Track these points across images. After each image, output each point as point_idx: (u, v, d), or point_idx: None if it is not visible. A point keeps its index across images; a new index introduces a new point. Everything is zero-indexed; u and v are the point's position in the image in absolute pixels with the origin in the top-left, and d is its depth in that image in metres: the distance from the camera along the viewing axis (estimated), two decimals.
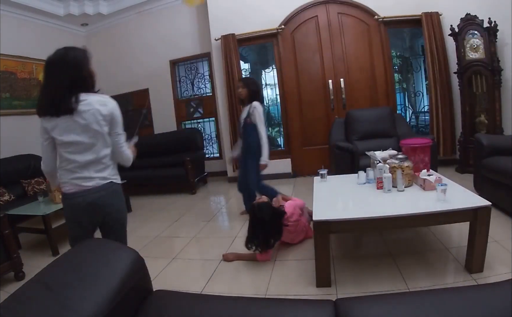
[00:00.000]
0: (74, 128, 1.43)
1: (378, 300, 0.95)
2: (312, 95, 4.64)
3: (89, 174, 1.48)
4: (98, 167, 1.50)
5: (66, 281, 0.90)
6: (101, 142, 1.49)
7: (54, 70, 1.41)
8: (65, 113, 1.40)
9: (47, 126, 1.47)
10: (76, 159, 1.46)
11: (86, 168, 1.47)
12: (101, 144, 1.49)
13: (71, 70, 1.40)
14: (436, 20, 4.10)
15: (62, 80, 1.39)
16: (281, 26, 4.57)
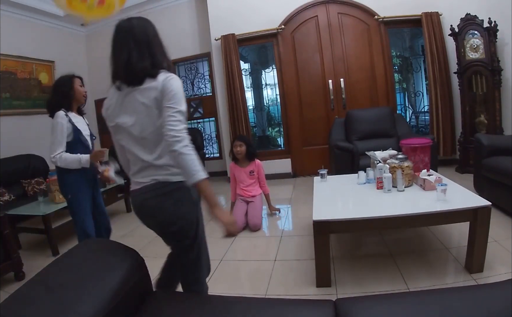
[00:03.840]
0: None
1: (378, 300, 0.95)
2: (312, 95, 4.64)
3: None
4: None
5: (66, 281, 0.90)
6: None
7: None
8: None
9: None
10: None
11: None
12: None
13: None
14: (436, 20, 4.10)
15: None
16: (281, 26, 4.57)
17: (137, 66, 1.18)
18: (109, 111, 1.28)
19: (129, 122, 1.21)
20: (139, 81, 1.18)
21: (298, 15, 4.57)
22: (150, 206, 1.23)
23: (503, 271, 1.79)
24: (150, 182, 1.22)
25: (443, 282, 1.79)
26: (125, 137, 1.25)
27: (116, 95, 1.25)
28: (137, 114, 1.19)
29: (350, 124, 3.92)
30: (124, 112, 1.22)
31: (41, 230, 2.92)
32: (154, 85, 1.17)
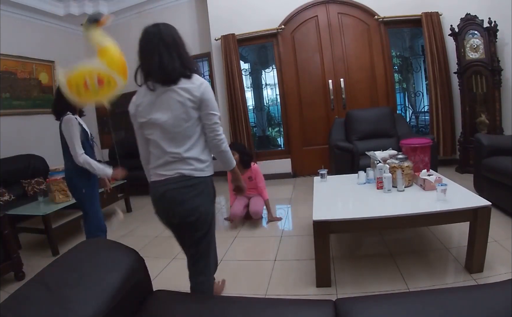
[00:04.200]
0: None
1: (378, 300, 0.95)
2: (312, 95, 4.64)
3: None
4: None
5: (66, 281, 0.90)
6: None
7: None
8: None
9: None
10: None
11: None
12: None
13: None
14: (436, 20, 4.10)
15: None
16: (281, 26, 4.57)
17: (169, 67, 1.31)
18: (140, 108, 1.39)
19: (163, 118, 1.32)
20: (174, 81, 1.32)
21: (298, 15, 4.57)
22: (172, 196, 1.34)
23: (503, 271, 1.79)
24: (174, 175, 1.33)
25: (443, 282, 1.79)
26: (156, 132, 1.35)
27: (148, 94, 1.37)
28: (172, 112, 1.32)
29: (350, 124, 3.92)
30: (158, 110, 1.34)
31: (41, 230, 2.92)
32: (190, 86, 1.32)
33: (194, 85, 1.33)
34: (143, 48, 1.41)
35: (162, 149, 1.35)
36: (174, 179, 1.33)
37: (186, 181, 1.33)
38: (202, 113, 1.34)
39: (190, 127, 1.34)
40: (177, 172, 1.33)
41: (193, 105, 1.32)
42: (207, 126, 1.36)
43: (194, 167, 1.35)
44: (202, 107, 1.33)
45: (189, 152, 1.34)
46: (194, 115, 1.33)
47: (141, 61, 1.42)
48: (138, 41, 1.43)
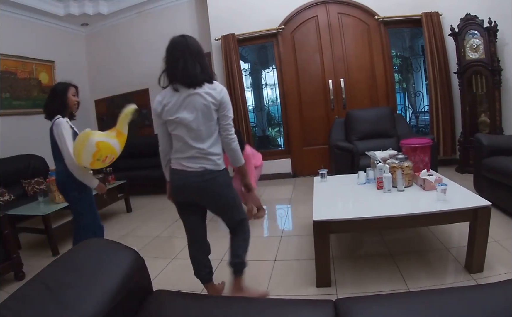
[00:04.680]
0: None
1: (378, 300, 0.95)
2: (312, 95, 4.64)
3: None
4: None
5: (66, 281, 0.90)
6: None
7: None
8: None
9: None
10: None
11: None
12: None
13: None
14: (436, 20, 4.10)
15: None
16: (281, 26, 4.57)
17: (192, 72, 1.52)
18: (167, 107, 1.58)
19: (190, 118, 1.54)
20: (198, 84, 1.53)
21: (298, 15, 4.57)
22: (199, 188, 1.59)
23: (503, 271, 1.79)
24: (198, 169, 1.57)
25: (443, 282, 1.79)
26: (182, 129, 1.56)
27: (175, 95, 1.56)
28: (197, 112, 1.53)
29: (350, 124, 3.92)
30: (184, 109, 1.54)
31: (41, 230, 2.92)
32: (213, 91, 1.55)
33: (216, 90, 1.56)
34: (171, 54, 1.58)
35: (188, 145, 1.56)
36: (200, 172, 1.57)
37: (209, 174, 1.58)
38: (219, 114, 1.58)
39: (212, 126, 1.58)
40: (201, 166, 1.57)
41: (215, 107, 1.55)
42: (221, 126, 1.60)
43: (215, 162, 1.59)
44: (220, 109, 1.57)
45: (211, 148, 1.58)
46: (215, 116, 1.57)
47: (167, 65, 1.60)
48: (166, 48, 1.60)
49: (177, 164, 1.62)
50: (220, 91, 1.57)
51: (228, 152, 1.65)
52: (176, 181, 1.65)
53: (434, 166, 2.95)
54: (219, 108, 1.57)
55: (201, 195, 1.62)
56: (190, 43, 1.57)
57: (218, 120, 1.59)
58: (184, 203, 1.71)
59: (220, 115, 1.58)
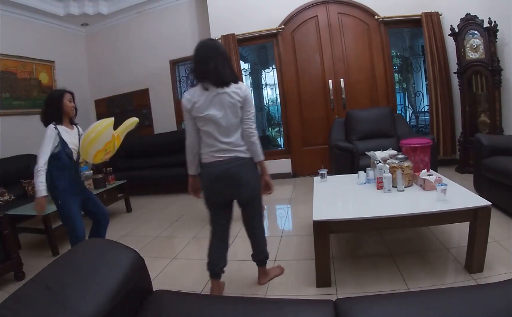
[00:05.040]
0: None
1: (378, 300, 0.95)
2: (312, 95, 4.64)
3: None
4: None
5: (66, 281, 0.90)
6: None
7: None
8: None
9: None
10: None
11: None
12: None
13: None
14: (436, 20, 4.10)
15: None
16: (281, 26, 4.57)
17: (222, 73, 1.65)
18: (197, 105, 1.69)
19: (219, 115, 1.67)
20: (226, 84, 1.67)
21: (298, 15, 4.57)
22: (232, 173, 1.71)
23: (503, 271, 1.79)
24: (231, 156, 1.71)
25: (443, 282, 1.79)
26: (211, 125, 1.70)
27: (204, 94, 1.67)
28: (225, 110, 1.68)
29: (350, 124, 3.92)
30: (213, 107, 1.67)
31: (41, 230, 2.92)
32: (238, 90, 1.70)
33: (241, 89, 1.71)
34: (202, 55, 1.69)
35: (216, 139, 1.70)
36: (232, 159, 1.71)
37: (241, 160, 1.73)
38: (243, 109, 1.72)
39: (238, 122, 1.72)
40: (233, 155, 1.71)
41: (240, 105, 1.70)
42: (244, 121, 1.74)
43: (244, 151, 1.74)
44: (244, 106, 1.72)
45: (238, 141, 1.73)
46: (240, 113, 1.72)
47: (197, 66, 1.70)
48: (195, 49, 1.72)
49: (209, 156, 1.74)
50: (244, 90, 1.73)
51: (248, 145, 1.75)
52: (209, 174, 1.75)
53: (434, 166, 2.95)
54: (243, 104, 1.71)
55: (233, 179, 1.72)
56: (219, 46, 1.73)
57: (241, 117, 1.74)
58: (213, 198, 1.82)
59: (244, 110, 1.73)
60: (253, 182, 1.79)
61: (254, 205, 1.87)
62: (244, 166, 1.74)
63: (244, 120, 1.74)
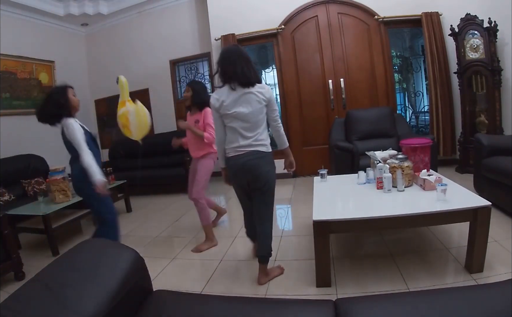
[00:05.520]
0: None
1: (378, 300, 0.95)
2: (312, 95, 4.64)
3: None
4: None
5: (66, 281, 0.90)
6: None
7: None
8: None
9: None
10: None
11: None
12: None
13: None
14: (436, 20, 4.10)
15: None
16: (281, 26, 4.57)
17: (247, 74, 1.85)
18: (225, 103, 1.88)
19: (245, 112, 1.87)
20: (251, 84, 1.87)
21: (298, 15, 4.57)
22: (252, 164, 1.90)
23: (503, 271, 1.79)
24: (252, 150, 1.90)
25: (443, 282, 1.79)
26: (237, 122, 1.89)
27: (232, 94, 1.86)
28: (251, 108, 1.87)
29: (350, 124, 3.92)
30: (240, 105, 1.86)
31: (41, 230, 2.91)
32: (263, 90, 1.91)
33: (264, 89, 1.91)
34: (229, 59, 1.88)
35: (241, 134, 1.90)
36: (253, 152, 1.90)
37: (260, 153, 1.91)
38: (268, 109, 1.95)
39: (262, 119, 1.93)
40: (254, 149, 1.90)
41: (265, 103, 1.91)
42: (271, 117, 1.99)
43: (265, 146, 1.94)
44: (269, 105, 1.94)
45: (261, 136, 1.93)
46: (264, 110, 1.93)
47: (223, 68, 1.89)
48: (221, 54, 1.93)
49: (231, 151, 1.95)
50: (268, 90, 1.93)
51: (276, 137, 2.06)
52: (233, 166, 1.96)
53: (434, 166, 2.95)
54: (268, 104, 1.93)
55: (252, 170, 1.91)
56: (242, 51, 1.92)
57: (266, 113, 1.96)
58: (240, 184, 2.05)
59: (270, 110, 1.96)
60: (270, 173, 1.97)
61: (266, 195, 1.99)
62: (263, 158, 1.93)
63: (272, 117, 1.99)
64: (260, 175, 1.92)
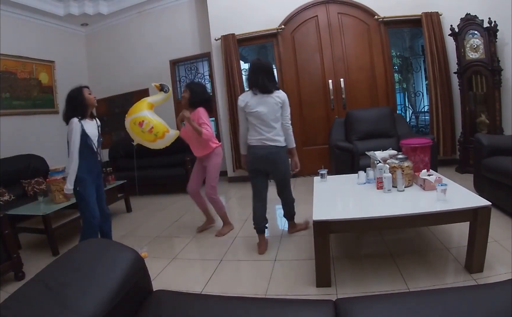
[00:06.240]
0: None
1: (378, 300, 0.95)
2: (312, 95, 4.64)
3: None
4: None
5: (66, 281, 0.90)
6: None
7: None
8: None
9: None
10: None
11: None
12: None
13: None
14: (436, 20, 4.10)
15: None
16: (281, 26, 4.57)
17: (266, 84, 2.33)
18: (249, 103, 2.36)
19: (264, 111, 2.33)
20: (270, 92, 2.34)
21: (298, 15, 4.57)
22: (272, 156, 2.37)
23: (503, 271, 1.79)
24: (271, 144, 2.36)
25: (443, 282, 1.79)
26: (258, 119, 2.35)
27: (254, 97, 2.36)
28: (270, 108, 2.33)
29: (350, 124, 3.92)
30: (261, 106, 2.33)
31: (41, 230, 2.92)
32: (280, 95, 2.37)
33: (281, 94, 2.38)
34: (253, 71, 2.39)
35: (261, 129, 2.35)
36: (273, 146, 2.36)
37: (278, 147, 2.37)
38: (282, 110, 2.38)
39: (277, 118, 2.36)
40: (270, 144, 2.35)
41: (280, 106, 2.36)
42: (283, 117, 2.40)
43: (279, 141, 2.37)
44: (283, 107, 2.38)
45: (276, 131, 2.36)
46: (279, 112, 2.37)
47: (249, 77, 2.42)
48: (249, 66, 2.48)
49: (254, 141, 2.39)
50: (283, 95, 2.38)
51: (286, 135, 2.43)
52: (254, 153, 2.41)
53: (434, 166, 2.95)
54: (283, 105, 2.37)
55: (269, 162, 2.38)
56: (265, 65, 2.39)
57: (281, 115, 2.37)
58: (256, 169, 2.44)
59: (283, 110, 2.38)
60: (285, 164, 2.46)
61: (285, 180, 2.54)
62: (279, 153, 2.39)
63: (283, 117, 2.39)
64: (278, 165, 2.42)
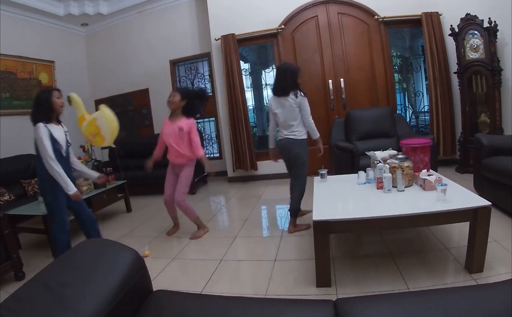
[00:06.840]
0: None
1: (378, 300, 0.95)
2: (312, 95, 4.60)
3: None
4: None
5: (66, 281, 0.90)
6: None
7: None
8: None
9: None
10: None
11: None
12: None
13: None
14: (436, 20, 4.10)
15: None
16: (281, 26, 4.57)
17: (283, 88, 2.65)
18: (272, 105, 2.76)
19: (281, 112, 2.69)
20: (287, 94, 2.63)
21: (298, 15, 4.57)
22: (290, 145, 2.69)
23: (503, 271, 1.79)
24: (290, 136, 2.68)
25: (443, 282, 1.79)
26: (279, 118, 2.71)
27: (275, 99, 2.72)
28: (285, 110, 2.67)
29: (350, 124, 3.92)
30: (279, 108, 2.70)
31: (41, 230, 2.92)
32: (295, 98, 2.63)
33: (297, 97, 2.63)
34: (275, 75, 2.75)
35: (282, 126, 2.74)
36: (291, 139, 2.68)
37: (296, 139, 2.67)
38: (301, 111, 2.66)
39: (295, 117, 2.66)
40: (291, 136, 2.68)
41: (296, 106, 2.63)
42: (303, 116, 2.67)
43: (295, 135, 2.67)
44: (301, 108, 2.65)
45: (295, 128, 2.67)
46: (297, 111, 2.65)
47: (274, 83, 2.74)
48: (276, 70, 2.81)
49: (280, 136, 2.79)
50: (299, 97, 2.62)
51: (309, 129, 2.71)
52: (278, 146, 2.82)
53: (434, 166, 2.95)
54: (300, 107, 2.64)
55: (283, 150, 2.75)
56: (282, 68, 2.71)
57: (299, 112, 2.65)
58: (283, 158, 2.83)
59: (302, 111, 2.65)
60: (300, 153, 2.69)
61: (298, 169, 2.73)
62: (296, 143, 2.66)
63: (303, 116, 2.66)
64: (292, 153, 2.69)
